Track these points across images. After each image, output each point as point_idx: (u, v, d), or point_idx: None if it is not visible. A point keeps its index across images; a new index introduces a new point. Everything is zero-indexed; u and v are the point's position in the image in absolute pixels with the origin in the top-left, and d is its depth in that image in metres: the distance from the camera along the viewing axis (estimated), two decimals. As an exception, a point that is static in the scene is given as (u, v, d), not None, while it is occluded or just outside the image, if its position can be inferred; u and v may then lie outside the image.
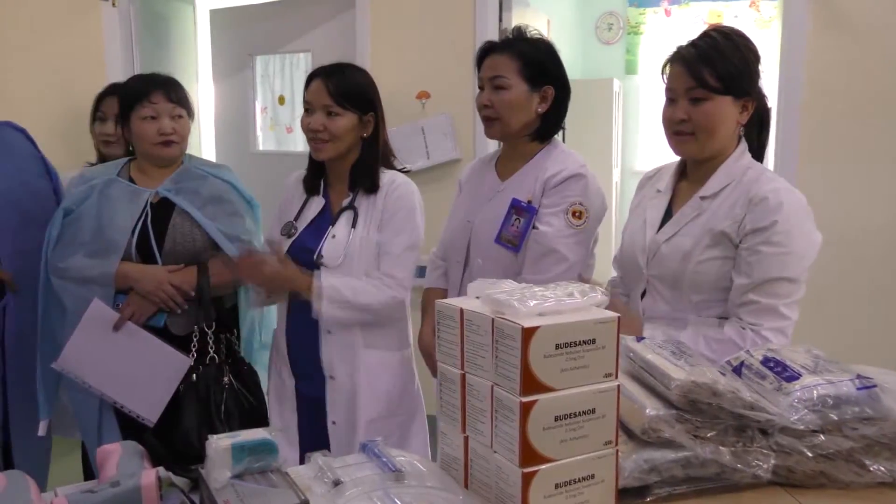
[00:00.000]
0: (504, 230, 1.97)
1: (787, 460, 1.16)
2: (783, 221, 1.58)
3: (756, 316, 1.59)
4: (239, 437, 1.07)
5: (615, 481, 1.10)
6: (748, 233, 1.61)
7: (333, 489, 1.13)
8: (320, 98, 2.01)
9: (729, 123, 1.67)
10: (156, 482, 1.03)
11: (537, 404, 1.02)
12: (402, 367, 2.13)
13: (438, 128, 3.74)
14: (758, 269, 1.59)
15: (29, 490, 1.02)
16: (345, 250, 2.01)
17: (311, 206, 2.12)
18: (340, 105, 2.00)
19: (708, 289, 1.66)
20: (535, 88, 1.97)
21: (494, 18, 3.68)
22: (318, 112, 2.01)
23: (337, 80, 2.02)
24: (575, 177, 1.94)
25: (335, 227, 2.05)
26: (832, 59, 3.28)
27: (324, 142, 2.02)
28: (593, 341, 1.05)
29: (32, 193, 2.27)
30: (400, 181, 2.09)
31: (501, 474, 1.07)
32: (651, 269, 1.74)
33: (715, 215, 1.66)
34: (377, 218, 2.04)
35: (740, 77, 1.64)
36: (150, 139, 2.15)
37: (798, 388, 1.19)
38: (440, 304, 1.18)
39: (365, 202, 2.06)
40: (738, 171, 1.68)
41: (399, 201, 2.05)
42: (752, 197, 1.62)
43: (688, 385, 1.13)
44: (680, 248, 1.68)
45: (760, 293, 1.59)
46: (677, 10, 6.72)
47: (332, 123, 2.00)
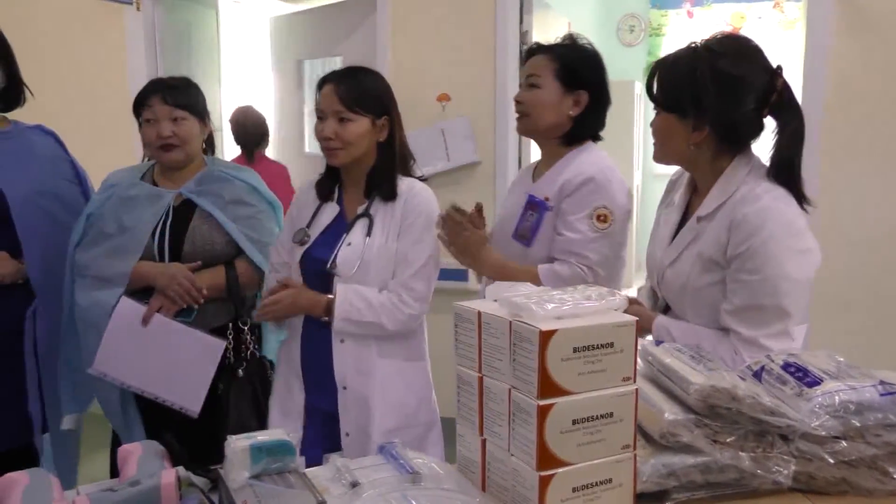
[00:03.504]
0: (520, 226, 2.01)
1: (808, 466, 1.15)
2: (759, 245, 1.49)
3: (740, 345, 1.53)
4: (257, 437, 1.08)
5: (633, 486, 1.09)
6: (731, 258, 1.54)
7: (351, 490, 1.13)
8: (331, 104, 1.96)
9: (676, 139, 1.61)
10: (175, 482, 1.04)
11: (555, 408, 1.02)
12: (417, 378, 2.08)
13: (458, 130, 3.74)
14: (737, 296, 1.53)
15: (51, 488, 1.03)
16: (360, 259, 1.95)
17: (325, 213, 2.06)
18: (352, 110, 1.95)
19: (707, 313, 1.61)
20: (568, 91, 1.99)
21: (515, 21, 3.68)
22: (330, 119, 1.96)
23: (348, 85, 1.97)
24: (596, 180, 1.92)
25: (350, 235, 1.99)
26: (857, 60, 3.24)
27: (337, 149, 1.96)
28: (611, 345, 1.05)
29: (61, 197, 2.31)
30: (419, 188, 2.03)
31: (518, 477, 1.07)
32: (661, 290, 1.73)
33: (706, 241, 1.59)
34: (395, 226, 1.98)
35: (681, 95, 1.57)
36: (151, 143, 2.17)
37: (819, 394, 1.17)
38: (458, 307, 1.18)
39: (382, 210, 2.00)
40: (731, 187, 1.58)
41: (418, 209, 1.99)
42: (732, 220, 1.53)
43: (707, 390, 1.12)
44: (679, 274, 1.64)
45: (740, 323, 1.53)
46: (700, 12, 6.68)
47: (345, 130, 1.95)
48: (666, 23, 6.81)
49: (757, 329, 1.52)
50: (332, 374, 1.99)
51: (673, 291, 1.67)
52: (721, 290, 1.58)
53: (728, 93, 1.55)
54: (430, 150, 3.75)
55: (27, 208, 2.19)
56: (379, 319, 1.94)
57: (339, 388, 1.99)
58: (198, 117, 2.23)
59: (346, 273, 1.95)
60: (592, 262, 1.90)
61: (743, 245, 1.51)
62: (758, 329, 1.52)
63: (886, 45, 3.21)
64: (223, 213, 2.19)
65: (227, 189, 2.23)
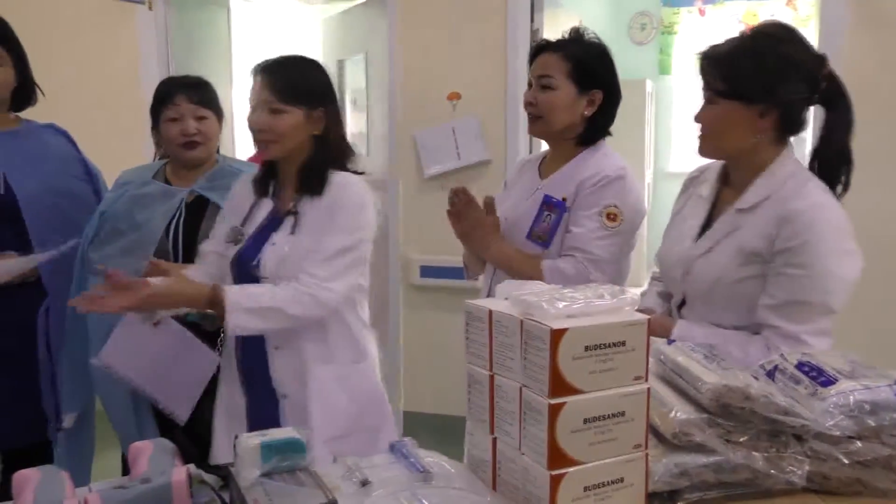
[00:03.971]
0: (535, 227, 1.97)
1: (822, 467, 1.14)
2: (814, 241, 1.50)
3: (779, 341, 1.52)
4: (267, 435, 1.08)
5: (645, 485, 1.09)
6: (777, 252, 1.53)
7: (361, 489, 1.13)
8: (262, 94, 1.84)
9: (740, 128, 1.58)
10: (186, 479, 1.04)
11: (566, 406, 1.01)
12: (360, 381, 1.97)
13: (469, 129, 3.73)
14: (782, 290, 1.52)
15: (63, 485, 1.03)
16: (282, 260, 1.83)
17: (260, 210, 1.95)
18: (284, 101, 1.83)
19: (741, 307, 1.60)
20: (583, 92, 1.96)
21: (526, 19, 3.66)
22: (261, 109, 1.84)
23: (280, 75, 1.86)
24: (611, 180, 1.91)
25: (277, 234, 1.88)
26: (870, 56, 3.22)
27: (269, 141, 1.85)
28: (623, 343, 1.04)
29: (72, 194, 2.33)
30: (350, 181, 1.90)
31: (529, 476, 1.06)
32: (686, 284, 1.69)
33: (749, 232, 1.58)
34: (320, 222, 1.85)
35: (749, 82, 1.55)
36: (175, 140, 2.18)
37: (834, 393, 1.16)
38: (469, 305, 1.17)
39: (309, 206, 1.87)
40: (777, 181, 1.58)
41: (343, 201, 1.86)
42: (784, 214, 1.53)
43: (719, 389, 1.12)
44: (714, 265, 1.61)
45: (784, 317, 1.52)
46: (712, 10, 6.64)
47: (276, 122, 1.83)
48: (678, 21, 6.77)
49: (800, 324, 1.51)
50: (271, 382, 1.90)
51: (703, 284, 1.64)
52: (758, 284, 1.57)
53: (794, 77, 1.55)
54: (440, 148, 3.75)
55: (38, 206, 2.21)
56: (277, 304, 1.77)
57: (280, 396, 1.90)
58: (218, 116, 2.24)
59: (268, 275, 1.84)
60: (597, 259, 1.88)
61: (794, 240, 1.50)
62: (801, 324, 1.52)
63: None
64: None
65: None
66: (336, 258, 1.83)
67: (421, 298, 3.85)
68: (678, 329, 1.64)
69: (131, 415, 2.21)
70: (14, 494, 1.03)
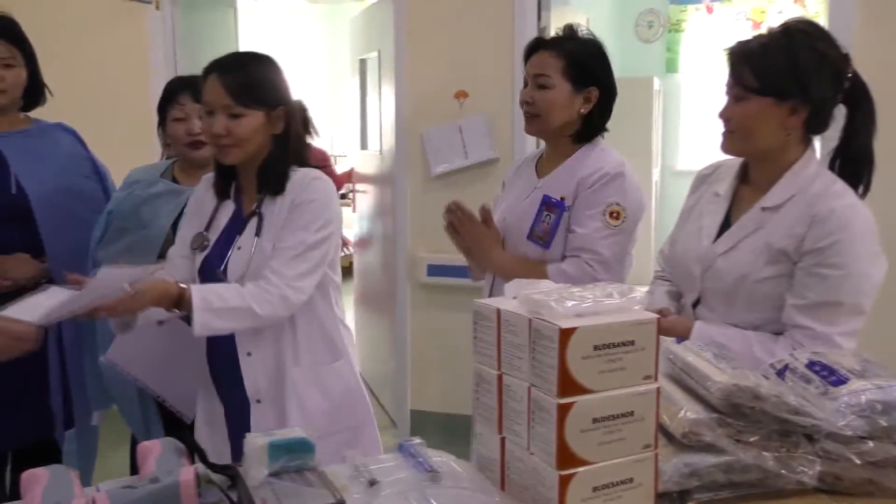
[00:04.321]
0: (535, 227, 1.96)
1: (834, 467, 1.13)
2: (846, 242, 1.48)
3: (809, 342, 1.50)
4: (276, 435, 1.07)
5: (654, 485, 1.08)
6: (807, 252, 1.51)
7: (369, 489, 1.13)
8: (219, 97, 1.74)
9: (770, 125, 1.56)
10: (194, 479, 1.04)
11: (575, 406, 1.01)
12: (336, 380, 1.91)
13: (476, 127, 3.72)
14: (813, 291, 1.50)
15: (72, 484, 1.03)
16: (248, 263, 1.77)
17: (223, 214, 1.88)
18: (244, 105, 1.74)
19: (764, 308, 1.58)
20: (578, 89, 1.94)
21: (533, 17, 3.65)
22: (220, 114, 1.74)
23: (235, 76, 1.75)
24: (611, 177, 1.90)
25: (241, 237, 1.82)
26: (880, 53, 3.19)
27: (229, 146, 1.76)
28: (632, 343, 1.03)
29: (80, 194, 2.33)
30: (312, 177, 1.83)
31: (538, 477, 1.06)
32: (705, 282, 1.66)
33: (775, 231, 1.56)
34: (281, 221, 1.80)
35: (783, 78, 1.53)
36: (181, 140, 2.18)
37: (845, 393, 1.15)
38: (477, 305, 1.17)
39: (271, 205, 1.81)
40: (804, 181, 1.57)
41: (309, 196, 1.80)
42: (815, 213, 1.51)
43: (729, 388, 1.11)
44: (737, 263, 1.60)
45: (815, 318, 1.50)
46: (720, 7, 6.61)
47: (237, 126, 1.74)
48: (685, 18, 6.75)
49: (832, 325, 1.50)
50: (244, 388, 1.85)
51: (725, 282, 1.61)
52: (781, 284, 1.55)
53: (826, 73, 1.54)
54: (448, 147, 3.74)
55: (49, 206, 2.21)
56: (246, 303, 1.70)
57: (252, 401, 1.84)
58: None
59: (235, 277, 1.78)
60: (604, 258, 1.87)
61: (827, 239, 1.49)
62: (833, 326, 1.50)
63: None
64: None
65: None
66: (303, 255, 1.77)
67: (428, 297, 3.85)
68: (696, 330, 1.62)
69: (139, 411, 2.22)
70: (23, 493, 1.03)
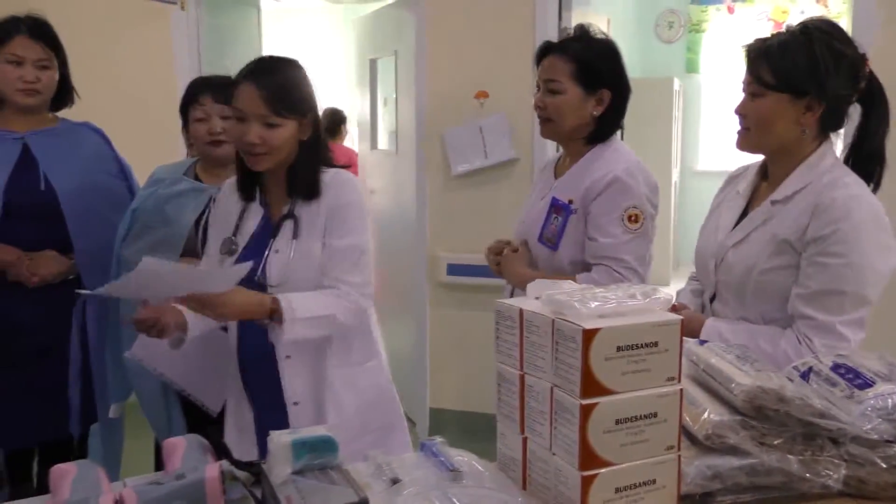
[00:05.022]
0: (545, 229, 1.97)
1: (859, 471, 1.11)
2: (848, 230, 1.48)
3: (812, 332, 1.50)
4: (300, 433, 1.07)
5: (677, 487, 1.07)
6: (810, 241, 1.51)
7: (391, 487, 1.13)
8: (255, 107, 1.72)
9: (785, 122, 1.57)
10: (219, 476, 1.04)
11: (598, 407, 1.00)
12: (370, 381, 1.92)
13: (496, 127, 3.71)
14: (815, 280, 1.50)
15: (99, 480, 1.04)
16: (287, 266, 1.78)
17: (250, 218, 1.87)
18: (278, 114, 1.73)
19: (772, 298, 1.58)
20: (590, 92, 1.93)
21: (554, 18, 3.64)
22: (254, 123, 1.73)
23: (271, 85, 1.74)
24: (621, 180, 1.88)
25: (277, 241, 1.81)
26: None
27: (262, 154, 1.75)
28: (656, 344, 1.02)
29: (107, 192, 2.36)
30: (342, 178, 1.84)
31: (561, 477, 1.05)
32: (719, 275, 1.68)
33: (782, 222, 1.57)
34: (321, 224, 1.79)
35: (801, 75, 1.54)
36: (202, 139, 2.19)
37: (871, 396, 1.14)
38: (499, 305, 1.16)
39: (306, 208, 1.81)
40: (815, 174, 1.57)
41: (347, 198, 1.81)
42: (818, 203, 1.51)
43: (754, 391, 1.09)
44: (746, 255, 1.61)
45: (817, 307, 1.50)
46: (741, 8, 6.55)
47: (271, 135, 1.73)
48: (706, 18, 6.69)
49: (835, 315, 1.49)
50: (280, 391, 1.83)
51: (735, 274, 1.62)
52: (790, 274, 1.55)
53: (843, 72, 1.55)
54: (468, 146, 3.73)
55: (76, 203, 2.24)
56: (330, 311, 1.73)
57: (290, 404, 1.83)
58: None
59: (275, 283, 1.77)
60: (631, 264, 1.87)
61: (828, 228, 1.49)
62: (836, 315, 1.50)
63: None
64: None
65: None
66: (361, 260, 1.81)
67: (448, 296, 3.85)
68: (707, 326, 1.63)
69: (162, 407, 2.23)
70: (52, 488, 1.03)
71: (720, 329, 1.60)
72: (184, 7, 4.01)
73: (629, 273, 1.87)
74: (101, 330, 2.31)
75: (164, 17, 4.06)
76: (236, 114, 1.77)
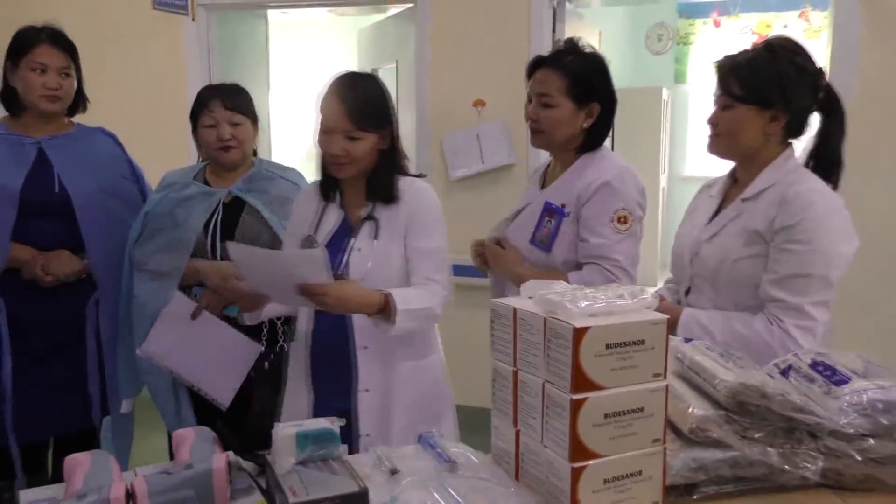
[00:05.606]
0: (538, 231, 1.97)
1: (836, 463, 1.12)
2: (811, 219, 1.55)
3: (782, 313, 1.56)
4: (303, 425, 1.07)
5: (663, 478, 1.07)
6: (777, 231, 1.58)
7: (391, 478, 1.13)
8: (340, 122, 1.78)
9: (753, 131, 1.65)
10: (226, 466, 1.04)
11: (587, 402, 1.00)
12: (431, 373, 1.98)
13: (493, 134, 3.72)
14: (783, 265, 1.57)
15: (111, 469, 1.04)
16: (370, 263, 1.83)
17: (329, 218, 1.93)
18: (361, 128, 1.79)
19: (744, 286, 1.64)
20: (581, 106, 1.94)
21: (549, 31, 3.64)
22: (339, 135, 1.79)
23: (354, 100, 1.80)
24: (611, 184, 1.90)
25: (357, 240, 1.87)
26: (883, 65, 3.16)
27: (345, 164, 1.82)
28: (643, 342, 1.03)
29: (120, 194, 2.36)
30: (419, 186, 1.92)
31: (552, 468, 1.05)
32: (694, 268, 1.74)
33: (752, 216, 1.64)
34: (401, 227, 1.86)
35: (767, 89, 1.62)
36: (211, 145, 2.19)
37: (848, 392, 1.14)
38: (494, 304, 1.17)
39: (385, 212, 1.87)
40: (780, 174, 1.65)
41: (425, 206, 1.89)
42: (784, 196, 1.59)
43: (736, 387, 1.10)
44: (719, 247, 1.68)
45: (787, 290, 1.56)
46: (727, 21, 6.56)
47: (354, 148, 1.80)
48: (694, 31, 6.69)
49: (803, 296, 1.55)
50: (349, 378, 1.88)
51: (709, 267, 1.69)
52: (760, 263, 1.61)
53: (804, 85, 1.64)
54: (466, 152, 3.74)
55: (90, 205, 2.23)
56: (430, 304, 1.82)
57: (361, 391, 1.88)
58: (252, 121, 2.25)
59: (358, 277, 1.81)
60: (621, 263, 1.88)
61: (795, 217, 1.56)
62: (804, 296, 1.55)
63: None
64: (269, 210, 2.20)
65: (274, 187, 2.25)
66: (445, 261, 1.90)
67: (446, 295, 3.84)
68: (684, 315, 1.67)
69: (172, 402, 2.23)
70: (66, 477, 1.03)
71: (698, 317, 1.66)
72: (195, 18, 4.02)
73: (619, 272, 1.88)
74: (113, 328, 2.31)
75: (177, 27, 4.07)
76: (322, 127, 1.82)
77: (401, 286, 1.83)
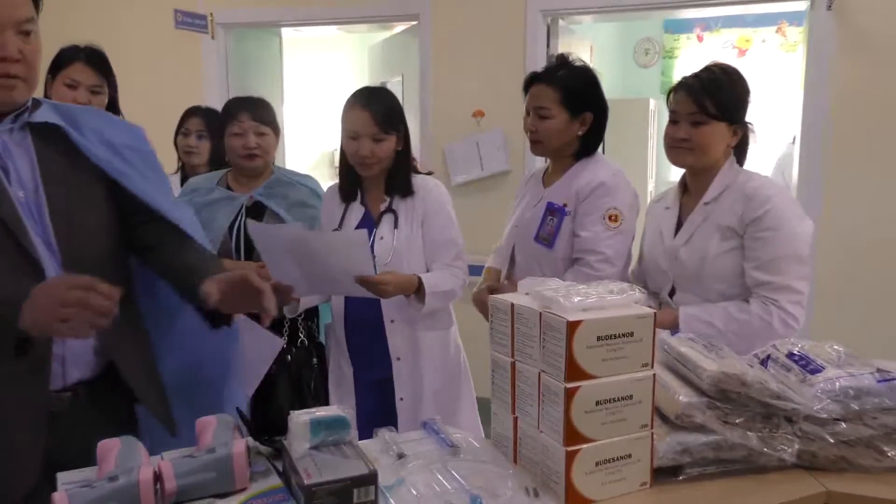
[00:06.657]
0: (541, 230, 2.01)
1: (811, 446, 1.12)
2: (774, 209, 1.66)
3: (774, 293, 1.64)
4: (317, 413, 1.08)
5: (650, 461, 1.08)
6: (748, 224, 1.68)
7: (398, 461, 1.14)
8: (366, 127, 1.94)
9: (721, 144, 1.75)
10: (245, 451, 1.05)
11: (580, 390, 1.01)
12: (451, 342, 2.13)
13: (491, 142, 3.73)
14: (763, 252, 1.66)
15: (140, 453, 1.05)
16: (392, 249, 1.97)
17: (353, 214, 2.07)
18: (385, 131, 1.96)
19: (728, 277, 1.71)
20: (575, 116, 1.97)
21: (543, 45, 3.65)
22: (366, 139, 1.95)
23: (377, 107, 1.97)
24: (605, 185, 1.94)
25: (379, 230, 2.01)
26: (855, 77, 3.16)
27: (372, 164, 1.98)
28: (632, 334, 1.04)
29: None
30: (432, 183, 2.08)
31: (547, 452, 1.06)
32: (674, 270, 1.79)
33: (720, 215, 1.72)
34: (418, 218, 2.01)
35: (735, 108, 1.74)
36: (238, 153, 2.20)
37: (822, 380, 1.15)
38: (493, 300, 1.17)
39: (403, 205, 2.02)
40: (730, 177, 1.76)
41: (439, 200, 2.04)
42: (745, 193, 1.70)
43: (718, 375, 1.10)
44: (697, 248, 1.74)
45: (772, 272, 1.64)
46: (709, 36, 6.55)
47: (380, 148, 1.96)
48: (678, 46, 6.69)
49: (787, 275, 1.65)
50: (383, 349, 2.02)
51: (690, 266, 1.75)
52: (737, 255, 1.69)
53: (747, 104, 1.78)
54: (465, 159, 3.75)
55: None
56: (453, 286, 2.00)
57: (394, 359, 2.02)
58: (275, 132, 2.26)
59: (381, 263, 1.94)
60: (607, 256, 1.92)
61: (760, 210, 1.67)
62: (787, 275, 1.65)
63: (883, 62, 3.13)
64: (288, 214, 2.21)
65: (293, 192, 2.26)
66: (461, 248, 2.06)
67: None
68: (682, 314, 1.71)
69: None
70: (98, 460, 1.04)
71: (695, 313, 1.70)
72: (213, 36, 4.03)
73: (604, 265, 1.91)
74: None
75: (195, 44, 4.08)
76: (350, 134, 1.98)
77: (420, 268, 1.99)
